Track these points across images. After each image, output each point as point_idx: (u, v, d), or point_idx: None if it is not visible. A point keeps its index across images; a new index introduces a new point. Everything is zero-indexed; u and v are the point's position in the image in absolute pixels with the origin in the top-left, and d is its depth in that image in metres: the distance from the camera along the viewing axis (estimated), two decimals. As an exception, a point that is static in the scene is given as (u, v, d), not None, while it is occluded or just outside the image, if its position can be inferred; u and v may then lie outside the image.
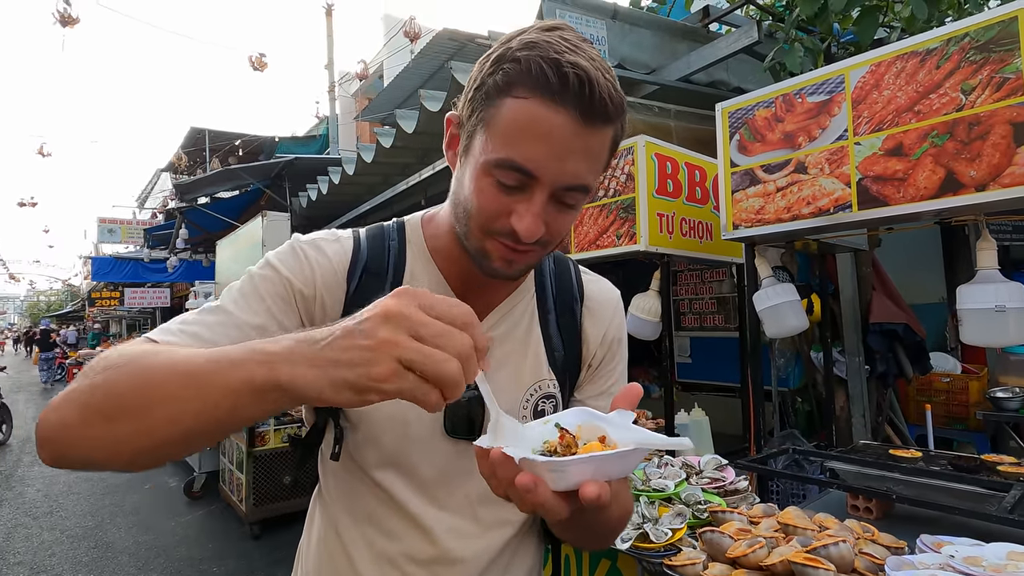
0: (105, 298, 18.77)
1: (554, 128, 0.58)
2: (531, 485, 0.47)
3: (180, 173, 13.30)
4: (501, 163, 0.60)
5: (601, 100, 0.58)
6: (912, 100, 1.57)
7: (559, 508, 0.49)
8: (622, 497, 0.74)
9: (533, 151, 0.59)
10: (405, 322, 0.44)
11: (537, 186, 0.61)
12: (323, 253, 0.72)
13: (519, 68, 0.58)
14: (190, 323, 0.63)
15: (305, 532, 0.84)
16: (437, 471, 0.73)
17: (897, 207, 1.59)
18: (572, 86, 0.57)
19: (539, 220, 0.61)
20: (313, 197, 6.15)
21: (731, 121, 2.03)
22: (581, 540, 0.81)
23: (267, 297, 0.68)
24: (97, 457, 0.51)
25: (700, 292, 4.93)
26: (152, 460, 0.51)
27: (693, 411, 2.56)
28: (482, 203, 0.63)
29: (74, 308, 34.16)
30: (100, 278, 15.18)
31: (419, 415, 0.71)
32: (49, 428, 0.51)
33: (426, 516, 0.73)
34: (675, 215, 2.39)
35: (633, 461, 0.52)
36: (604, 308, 0.84)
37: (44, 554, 4.01)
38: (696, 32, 3.56)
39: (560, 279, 0.83)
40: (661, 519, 1.50)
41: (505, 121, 0.60)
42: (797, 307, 2.04)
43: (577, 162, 0.60)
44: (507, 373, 0.76)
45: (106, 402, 0.50)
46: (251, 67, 10.41)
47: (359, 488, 0.75)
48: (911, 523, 1.54)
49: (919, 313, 3.14)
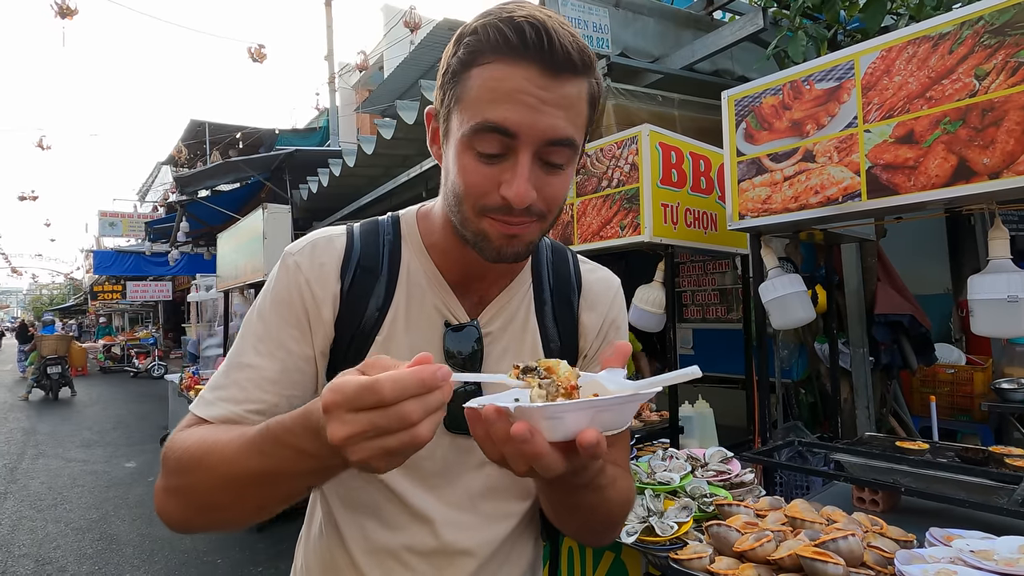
0: (107, 291, 18.84)
1: (521, 82, 0.58)
2: (527, 434, 0.46)
3: (180, 166, 13.27)
4: (477, 129, 0.60)
5: (563, 48, 0.58)
6: (924, 86, 1.54)
7: (555, 461, 0.48)
8: (621, 484, 0.72)
9: (506, 109, 0.58)
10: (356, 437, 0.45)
11: (519, 147, 0.60)
12: (314, 256, 0.72)
13: (477, 38, 0.60)
14: (223, 387, 0.68)
15: (305, 524, 0.84)
16: (438, 465, 0.73)
17: (908, 196, 1.56)
18: (530, 39, 0.57)
19: (527, 183, 0.60)
20: (314, 189, 6.13)
21: (737, 109, 2.00)
22: (581, 529, 0.77)
23: (282, 334, 0.70)
24: (211, 529, 0.67)
25: (703, 283, 4.90)
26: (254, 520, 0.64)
27: (697, 403, 2.54)
28: (468, 181, 0.62)
29: (77, 302, 34.25)
30: (102, 272, 15.19)
31: None
32: (165, 516, 0.65)
33: (427, 508, 0.73)
34: (679, 205, 2.36)
35: (630, 410, 0.51)
36: (602, 298, 0.83)
37: (49, 546, 4.02)
38: (700, 20, 3.51)
39: (558, 270, 0.82)
40: (666, 512, 1.49)
41: (474, 90, 0.60)
42: (804, 298, 2.02)
43: (553, 114, 0.59)
44: (505, 366, 0.75)
45: (199, 502, 0.62)
46: (251, 59, 10.34)
47: (359, 482, 0.74)
48: (918, 516, 1.53)
49: (924, 304, 3.11)
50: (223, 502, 0.60)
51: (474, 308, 0.76)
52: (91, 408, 10.08)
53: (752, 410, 2.63)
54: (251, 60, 10.25)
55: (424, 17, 9.15)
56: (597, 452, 0.47)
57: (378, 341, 0.71)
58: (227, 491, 0.59)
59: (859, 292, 3.05)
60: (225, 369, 0.70)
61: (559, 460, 0.48)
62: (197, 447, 0.61)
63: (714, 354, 4.78)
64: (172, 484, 0.63)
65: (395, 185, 5.17)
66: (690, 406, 2.52)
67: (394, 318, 0.72)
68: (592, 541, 0.83)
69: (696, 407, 2.53)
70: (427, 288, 0.74)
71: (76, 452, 6.79)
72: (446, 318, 0.74)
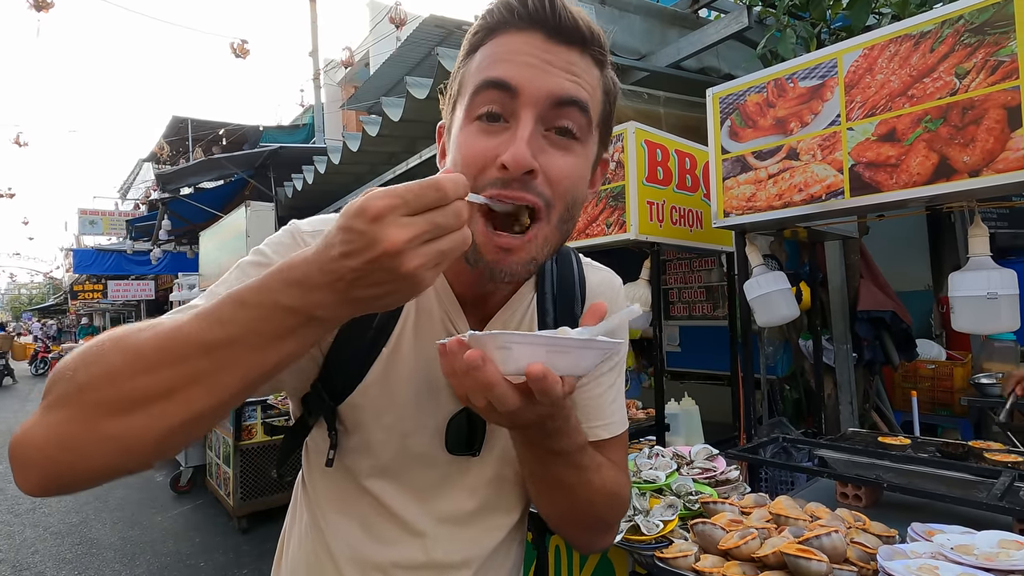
0: (88, 291, 18.48)
1: (525, 44, 0.56)
2: (479, 361, 0.46)
3: (162, 163, 13.06)
4: (478, 89, 0.57)
5: (570, 18, 0.56)
6: (905, 84, 1.55)
7: (509, 396, 0.48)
8: (607, 473, 0.70)
9: (506, 66, 0.56)
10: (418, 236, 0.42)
11: (520, 107, 0.56)
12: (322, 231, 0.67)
13: (483, 21, 0.58)
14: (172, 313, 0.55)
15: (287, 524, 0.81)
16: (434, 482, 0.72)
17: (890, 193, 1.58)
18: (533, 7, 0.56)
19: (525, 145, 0.54)
20: (299, 187, 6.05)
21: (722, 107, 2.00)
22: (566, 516, 0.74)
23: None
24: (114, 461, 0.45)
25: (689, 281, 4.93)
26: (184, 440, 0.47)
27: (683, 400, 2.55)
28: (466, 154, 0.57)
29: (57, 301, 33.59)
30: (82, 271, 14.90)
31: (417, 428, 0.69)
32: (34, 447, 0.44)
33: (418, 523, 0.71)
34: (665, 203, 2.36)
35: (587, 357, 0.51)
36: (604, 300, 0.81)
37: (27, 551, 3.94)
38: (686, 18, 3.52)
39: (562, 275, 0.78)
40: (652, 511, 1.49)
41: (475, 66, 0.58)
42: (788, 295, 2.03)
43: (559, 73, 0.56)
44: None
45: (112, 393, 0.44)
46: (233, 54, 10.19)
47: (349, 492, 0.72)
48: (901, 511, 1.54)
49: (905, 300, 3.15)
50: (141, 392, 0.43)
51: (478, 323, 0.73)
52: (71, 410, 9.90)
53: (738, 407, 2.65)
54: (234, 56, 10.11)
55: (410, 13, 9.08)
56: (544, 386, 0.47)
57: (384, 354, 0.68)
58: (152, 374, 0.44)
59: (842, 289, 3.08)
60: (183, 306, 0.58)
61: (513, 395, 0.49)
62: (121, 330, 0.47)
63: (701, 351, 4.82)
64: (68, 388, 0.45)
65: (381, 183, 5.12)
66: (676, 403, 2.53)
67: (402, 331, 0.69)
68: (582, 539, 0.79)
69: (682, 404, 2.54)
70: (433, 299, 0.71)
71: (55, 455, 6.67)
72: (449, 331, 0.71)
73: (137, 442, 0.44)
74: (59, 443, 0.44)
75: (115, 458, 0.45)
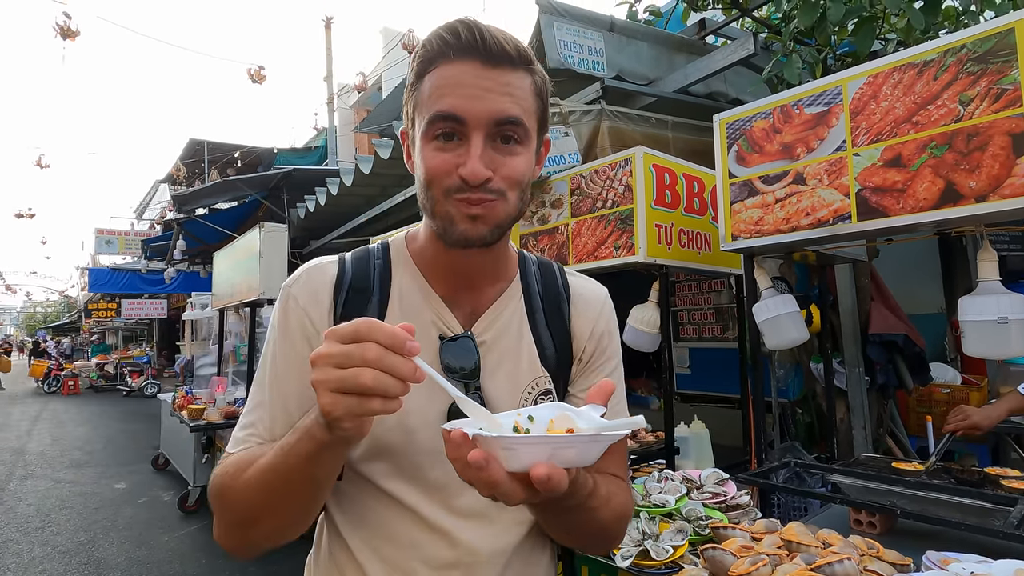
0: (102, 309, 18.72)
1: (462, 75, 0.66)
2: (483, 462, 0.48)
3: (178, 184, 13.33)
4: (432, 120, 0.67)
5: (496, 43, 0.66)
6: (910, 111, 1.57)
7: (513, 490, 0.50)
8: (616, 501, 0.74)
9: (452, 99, 0.66)
10: (324, 361, 0.52)
11: (470, 131, 0.66)
12: (308, 284, 0.77)
13: (424, 50, 0.69)
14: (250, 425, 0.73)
15: (314, 548, 0.83)
16: (447, 476, 0.73)
17: (897, 218, 1.58)
18: (465, 38, 0.65)
19: (478, 161, 0.65)
20: (311, 208, 6.15)
21: (729, 132, 2.03)
22: (575, 543, 0.82)
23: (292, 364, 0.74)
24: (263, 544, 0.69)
25: (698, 302, 4.92)
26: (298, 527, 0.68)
27: (693, 424, 2.53)
28: (431, 167, 0.68)
29: (71, 319, 34.01)
30: (97, 289, 15.13)
31: (422, 423, 0.72)
32: (223, 543, 0.69)
33: (440, 520, 0.73)
34: (673, 226, 2.38)
35: (593, 450, 0.52)
36: (591, 305, 0.86)
37: (35, 570, 3.94)
38: (693, 44, 3.58)
39: (546, 281, 0.85)
40: (662, 535, 1.48)
41: (426, 92, 0.68)
42: (797, 318, 2.03)
43: (496, 98, 0.66)
44: (504, 375, 0.78)
45: (243, 516, 0.66)
46: (250, 79, 10.46)
47: (369, 502, 0.75)
48: (915, 538, 1.52)
49: (918, 324, 3.13)
50: (260, 513, 0.65)
51: (467, 320, 0.78)
52: (81, 428, 9.96)
53: (748, 430, 2.62)
54: (251, 81, 10.37)
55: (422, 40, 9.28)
56: (549, 486, 0.48)
57: None
58: (262, 499, 0.64)
59: (853, 312, 3.06)
60: (250, 407, 0.75)
61: (518, 490, 0.50)
62: (235, 467, 0.67)
63: (710, 373, 4.78)
64: (217, 508, 0.68)
65: (391, 205, 5.19)
66: (686, 426, 2.51)
67: None
68: (586, 551, 0.87)
69: (692, 428, 2.52)
70: (421, 303, 0.77)
71: (65, 473, 6.69)
72: (441, 331, 0.76)
73: (267, 537, 0.68)
74: (224, 543, 0.70)
75: (260, 544, 0.69)
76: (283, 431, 0.67)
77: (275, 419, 0.71)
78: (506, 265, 0.82)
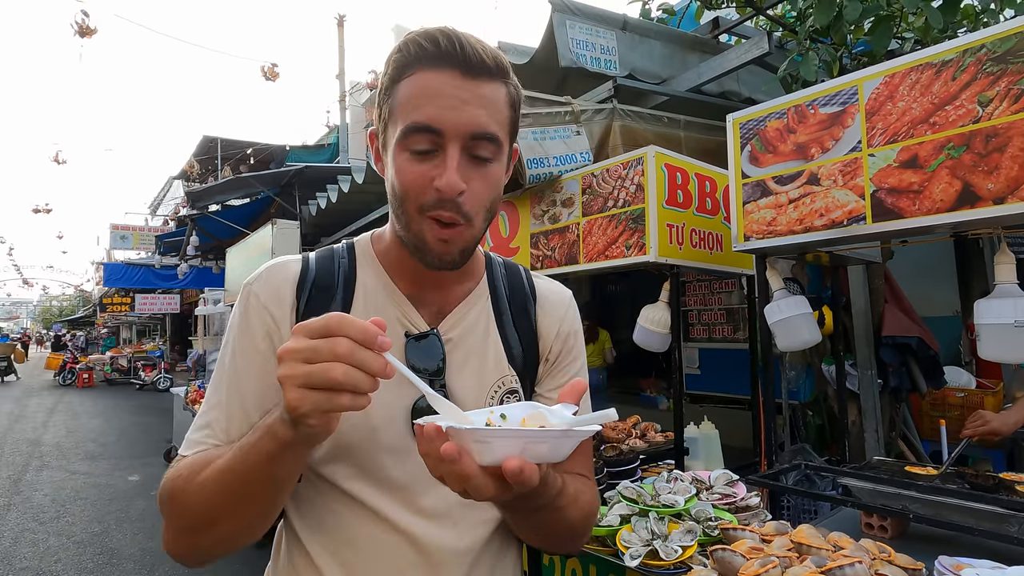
0: (116, 304, 18.98)
1: (442, 85, 0.65)
2: (455, 455, 0.48)
3: (192, 181, 13.45)
4: (407, 130, 0.66)
5: (475, 53, 0.65)
6: (927, 112, 1.55)
7: (485, 485, 0.49)
8: (583, 500, 0.75)
9: (431, 109, 0.65)
10: (292, 356, 0.51)
11: (446, 142, 0.65)
12: (269, 281, 0.76)
13: (401, 54, 0.67)
14: (206, 425, 0.71)
15: (272, 558, 0.82)
16: (409, 475, 0.73)
17: (913, 220, 1.57)
18: (444, 47, 0.65)
19: (455, 173, 0.65)
20: (323, 205, 6.18)
21: (742, 132, 2.02)
22: (542, 543, 0.82)
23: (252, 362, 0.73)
24: (217, 550, 0.67)
25: (709, 303, 4.90)
26: (253, 533, 0.66)
27: (703, 424, 2.52)
28: (405, 180, 0.67)
29: (86, 313, 34.50)
30: (112, 284, 15.34)
31: (386, 421, 0.72)
32: (172, 551, 0.67)
33: (403, 521, 0.72)
34: (685, 226, 2.37)
35: (565, 445, 0.52)
36: (557, 306, 0.87)
37: (50, 560, 4.01)
38: (706, 43, 3.56)
39: (512, 283, 0.87)
40: (671, 536, 1.47)
41: (402, 98, 0.67)
42: (810, 320, 2.01)
43: (474, 111, 0.66)
44: (470, 372, 0.78)
45: (197, 520, 0.64)
46: (263, 77, 10.54)
47: (329, 504, 0.74)
48: (928, 543, 1.50)
49: (932, 326, 3.09)
50: (216, 516, 0.63)
51: (434, 319, 0.78)
52: (95, 420, 10.11)
53: (758, 432, 2.61)
54: (264, 78, 10.45)
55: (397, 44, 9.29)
56: (521, 479, 0.48)
57: None
58: (218, 501, 0.62)
59: (866, 313, 3.03)
60: (205, 408, 0.73)
61: (489, 484, 0.50)
62: (188, 469, 0.65)
63: (720, 374, 4.76)
64: (167, 513, 0.66)
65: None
66: (696, 427, 2.51)
67: None
68: (553, 551, 0.87)
69: (702, 428, 2.51)
70: (386, 301, 0.77)
71: (80, 464, 6.80)
72: (407, 328, 0.76)
73: (222, 542, 0.66)
74: (172, 549, 0.67)
75: (214, 551, 0.67)
76: (240, 433, 0.66)
77: (232, 420, 0.70)
78: (473, 266, 0.82)
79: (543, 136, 2.64)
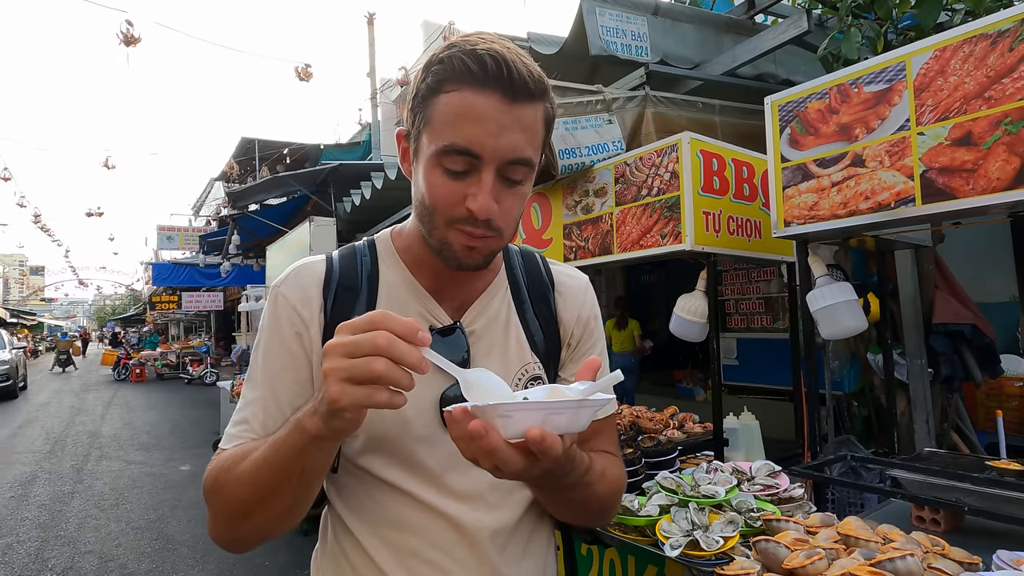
0: (164, 302, 19.80)
1: (485, 109, 0.65)
2: (482, 431, 0.50)
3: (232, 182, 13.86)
4: (445, 150, 0.66)
5: (520, 77, 0.65)
6: (982, 86, 1.47)
7: (513, 458, 0.52)
8: (610, 474, 0.79)
9: (471, 133, 0.65)
10: (336, 350, 0.53)
11: (482, 165, 0.66)
12: (297, 282, 0.79)
13: (444, 67, 0.66)
14: (243, 421, 0.75)
15: (319, 542, 0.86)
16: (443, 463, 0.76)
17: (966, 200, 1.50)
18: (491, 70, 0.64)
19: (489, 197, 0.66)
20: (357, 202, 6.30)
21: (781, 115, 1.96)
22: (575, 518, 0.86)
23: (283, 362, 0.76)
24: (256, 538, 0.70)
25: (747, 292, 4.79)
26: (288, 522, 0.69)
27: (743, 415, 2.47)
28: (437, 194, 0.68)
29: (136, 312, 36.13)
30: (160, 283, 16.00)
31: (417, 413, 0.75)
32: (216, 537, 0.71)
33: (440, 504, 0.75)
34: (722, 213, 2.32)
35: (582, 415, 0.55)
36: (575, 292, 0.89)
37: (111, 544, 4.24)
38: (741, 24, 3.46)
39: (530, 271, 0.88)
40: (712, 526, 1.46)
41: (442, 114, 0.66)
42: (855, 307, 1.95)
43: (513, 136, 0.66)
44: (494, 362, 0.80)
45: (235, 510, 0.68)
46: (297, 78, 10.75)
47: (370, 492, 0.77)
48: (984, 537, 1.44)
49: (988, 313, 2.94)
50: (252, 506, 0.66)
51: (456, 312, 0.80)
52: (149, 413, 10.60)
53: (801, 423, 2.54)
54: (298, 79, 10.65)
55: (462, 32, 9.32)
56: (544, 447, 0.50)
57: None
58: (254, 492, 0.65)
59: (915, 300, 2.91)
60: (242, 404, 0.76)
61: (517, 457, 0.53)
62: (229, 461, 0.68)
63: (760, 365, 4.65)
64: (210, 502, 0.70)
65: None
66: (735, 418, 2.46)
67: None
68: (585, 524, 0.91)
69: (742, 419, 2.46)
70: (409, 298, 0.79)
71: (135, 455, 7.15)
72: (430, 323, 0.78)
73: (261, 531, 0.69)
74: (216, 537, 0.71)
75: (254, 538, 0.70)
76: (276, 427, 0.69)
77: (269, 415, 0.73)
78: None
79: (575, 126, 2.62)
